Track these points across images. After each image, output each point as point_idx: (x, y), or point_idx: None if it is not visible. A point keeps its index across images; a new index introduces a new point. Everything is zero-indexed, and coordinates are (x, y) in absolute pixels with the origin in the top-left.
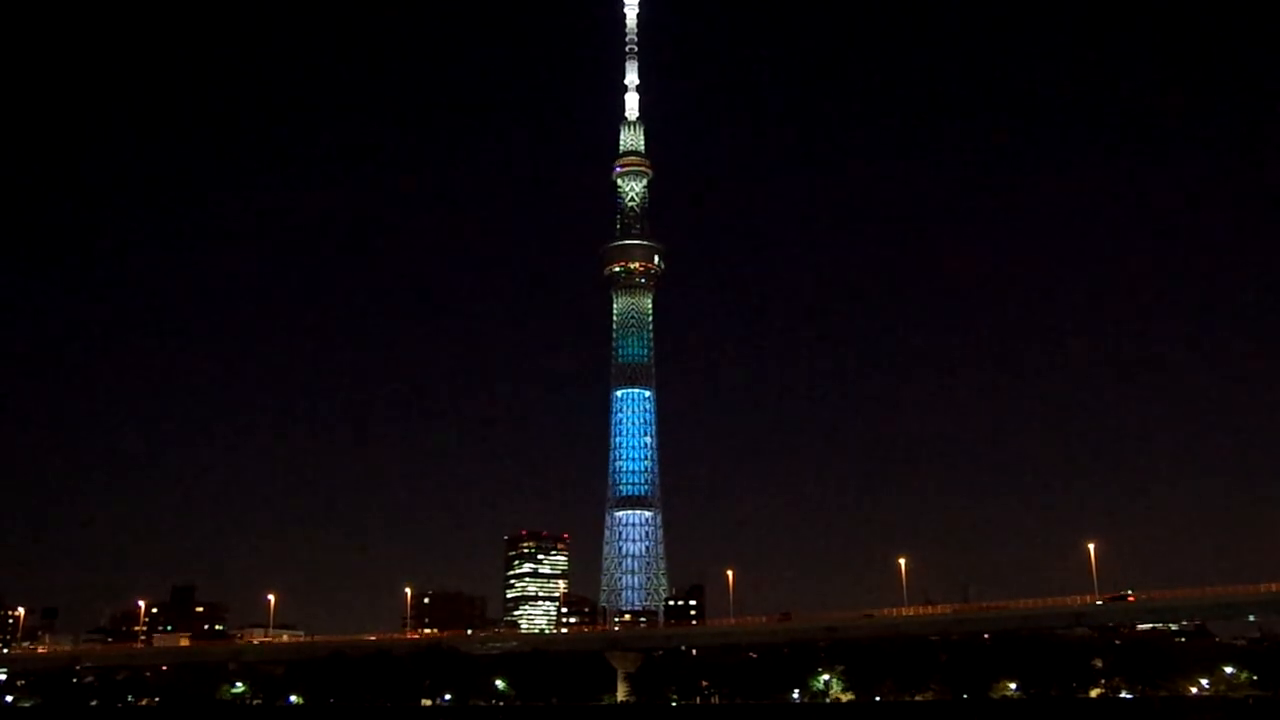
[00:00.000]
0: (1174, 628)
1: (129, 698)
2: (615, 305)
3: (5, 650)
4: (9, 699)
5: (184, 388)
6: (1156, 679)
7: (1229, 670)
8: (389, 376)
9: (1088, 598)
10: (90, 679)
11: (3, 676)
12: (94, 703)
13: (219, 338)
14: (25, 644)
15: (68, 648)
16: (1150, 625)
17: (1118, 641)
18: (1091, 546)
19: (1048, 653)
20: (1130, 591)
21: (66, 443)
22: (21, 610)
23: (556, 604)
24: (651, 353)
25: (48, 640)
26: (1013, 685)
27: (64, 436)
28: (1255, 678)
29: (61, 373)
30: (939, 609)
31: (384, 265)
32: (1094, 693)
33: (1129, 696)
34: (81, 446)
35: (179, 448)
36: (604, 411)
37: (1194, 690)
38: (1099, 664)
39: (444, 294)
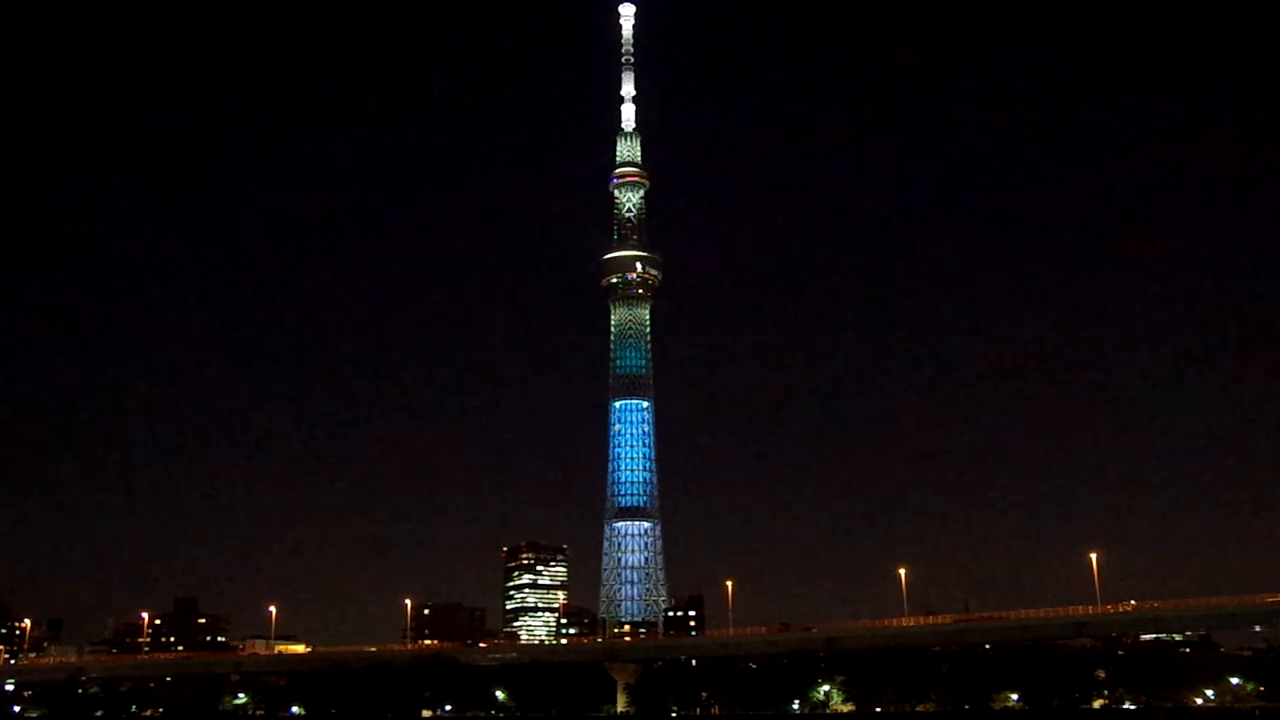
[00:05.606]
0: (1178, 638)
1: (133, 708)
2: (613, 316)
3: (12, 661)
4: (16, 709)
5: (186, 399)
6: (1161, 690)
7: (1234, 681)
8: (388, 388)
9: (1090, 608)
10: (95, 690)
11: (10, 687)
12: (99, 713)
13: (221, 349)
14: (31, 655)
15: (73, 659)
16: (1154, 636)
17: (1121, 652)
18: (1094, 556)
19: (1050, 663)
20: (1133, 600)
21: (70, 454)
22: (28, 622)
23: (556, 615)
24: (649, 363)
25: (53, 651)
26: (1014, 696)
27: (67, 448)
28: (1261, 689)
29: (64, 383)
30: (940, 619)
31: (382, 276)
32: (1097, 703)
33: (1132, 708)
34: (85, 458)
35: (181, 461)
36: (602, 422)
37: (1199, 701)
38: (1102, 675)
39: (442, 304)
